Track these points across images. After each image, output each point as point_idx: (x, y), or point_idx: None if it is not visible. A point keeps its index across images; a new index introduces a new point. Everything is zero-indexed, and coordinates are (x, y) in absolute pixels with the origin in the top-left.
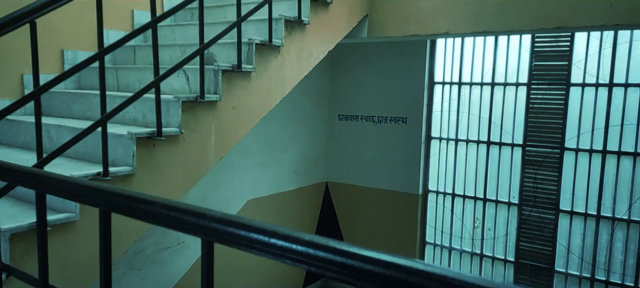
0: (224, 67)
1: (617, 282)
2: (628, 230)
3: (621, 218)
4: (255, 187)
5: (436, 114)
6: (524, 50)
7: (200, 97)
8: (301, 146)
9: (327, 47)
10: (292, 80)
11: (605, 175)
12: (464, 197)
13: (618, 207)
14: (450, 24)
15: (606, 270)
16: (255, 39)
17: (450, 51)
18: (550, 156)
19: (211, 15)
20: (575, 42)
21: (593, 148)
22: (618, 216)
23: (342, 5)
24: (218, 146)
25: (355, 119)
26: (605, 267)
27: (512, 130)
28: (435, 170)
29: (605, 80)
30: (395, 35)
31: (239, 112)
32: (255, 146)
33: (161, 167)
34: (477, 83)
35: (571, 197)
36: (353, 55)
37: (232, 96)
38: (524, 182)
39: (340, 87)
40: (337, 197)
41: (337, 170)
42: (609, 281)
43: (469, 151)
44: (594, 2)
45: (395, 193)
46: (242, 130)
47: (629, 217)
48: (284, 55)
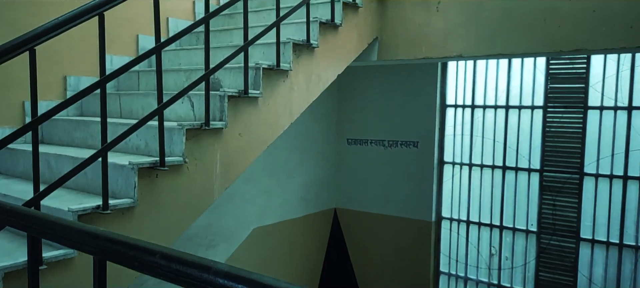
0: (230, 93)
1: None
2: None
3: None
4: (262, 214)
5: (449, 138)
6: (538, 73)
7: (205, 125)
8: (309, 171)
9: (336, 70)
10: (301, 105)
11: (627, 202)
12: (479, 224)
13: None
14: (464, 46)
15: None
16: (262, 64)
17: (462, 73)
18: (569, 182)
19: (217, 39)
20: (592, 64)
21: (613, 174)
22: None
23: (352, 28)
24: (224, 175)
25: (365, 143)
26: None
27: (528, 154)
28: (448, 196)
29: (624, 103)
30: (406, 58)
31: (245, 139)
32: (261, 172)
33: (164, 199)
34: (491, 106)
35: (592, 225)
36: (362, 77)
37: (239, 123)
38: (542, 209)
39: (349, 110)
40: (346, 224)
41: (346, 196)
42: None
43: (483, 176)
44: (614, 24)
45: (407, 221)
46: (248, 157)
47: None
48: (292, 80)
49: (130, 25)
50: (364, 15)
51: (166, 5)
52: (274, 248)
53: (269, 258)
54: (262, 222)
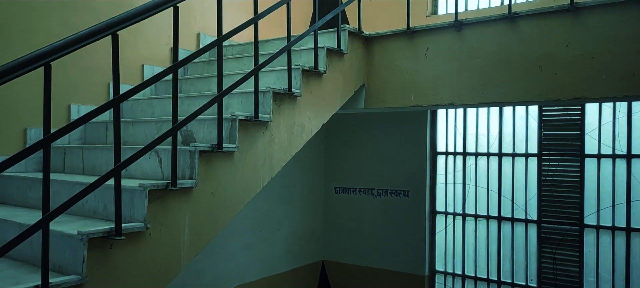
0: (202, 148)
1: None
2: None
3: None
4: (244, 271)
5: (440, 187)
6: (531, 119)
7: (171, 185)
8: (295, 223)
9: (321, 119)
10: (282, 158)
11: (632, 256)
12: (475, 279)
13: None
14: (455, 94)
15: None
16: (239, 115)
17: (452, 119)
18: (569, 234)
19: (195, 87)
20: (587, 111)
21: (616, 225)
22: None
23: (337, 75)
24: (193, 241)
25: (353, 192)
26: None
27: (524, 204)
28: (442, 248)
29: (622, 151)
30: (394, 106)
31: (219, 198)
32: (243, 226)
33: (120, 273)
34: (483, 153)
35: (595, 280)
36: (349, 124)
37: (212, 180)
38: (542, 263)
39: (337, 158)
40: (335, 277)
41: (334, 248)
42: None
43: (478, 227)
44: (615, 72)
45: (398, 274)
46: (223, 218)
47: None
48: (273, 131)
49: (103, 74)
50: (350, 61)
51: (142, 52)
52: None
53: None
54: (244, 279)
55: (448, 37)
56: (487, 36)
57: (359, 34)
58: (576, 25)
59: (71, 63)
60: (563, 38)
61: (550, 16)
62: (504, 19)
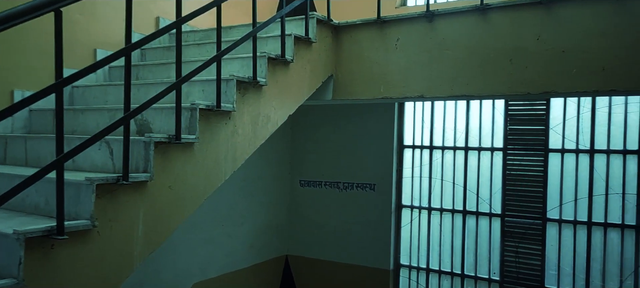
0: (158, 139)
1: None
2: None
3: None
4: (204, 267)
5: (407, 180)
6: (497, 114)
7: (123, 178)
8: (258, 217)
9: (288, 110)
10: (246, 150)
11: (592, 250)
12: (439, 273)
13: (608, 285)
14: (425, 86)
15: None
16: (199, 104)
17: (420, 113)
18: (531, 228)
19: (153, 74)
20: (552, 106)
21: (577, 220)
22: None
23: (304, 65)
24: (148, 238)
25: (319, 185)
26: None
27: (489, 198)
28: (407, 242)
29: (586, 146)
30: (363, 97)
31: (177, 192)
32: (204, 220)
33: (63, 276)
34: (450, 147)
35: (557, 274)
36: (316, 116)
37: (169, 173)
38: (505, 256)
39: (302, 151)
40: (299, 272)
41: (299, 243)
42: None
43: (443, 221)
44: (585, 66)
45: (363, 269)
46: (181, 213)
47: None
48: (236, 122)
49: (53, 58)
50: (318, 51)
51: (96, 36)
52: None
53: None
54: (204, 275)
55: (419, 27)
56: (458, 27)
57: (327, 23)
58: (548, 18)
59: (16, 46)
60: (534, 31)
61: (522, 9)
62: (476, 10)
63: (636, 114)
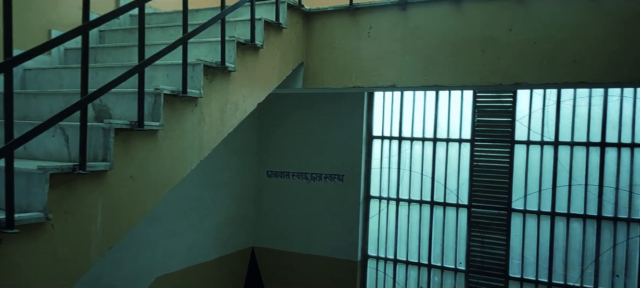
0: (119, 125)
1: None
2: None
3: (573, 285)
4: (167, 260)
5: (375, 171)
6: (466, 105)
7: (80, 168)
8: (224, 208)
9: (257, 98)
10: (213, 139)
11: (555, 239)
12: (407, 263)
13: (570, 274)
14: (398, 76)
15: None
16: (164, 89)
17: (389, 103)
18: (497, 218)
19: (113, 58)
20: (518, 98)
21: (541, 210)
22: (570, 283)
23: (274, 51)
24: (107, 231)
25: (286, 176)
26: None
27: (456, 189)
28: (375, 233)
29: (551, 138)
30: (334, 86)
31: (140, 182)
32: (167, 212)
33: (14, 272)
34: (419, 138)
35: (521, 263)
36: (283, 105)
37: (131, 163)
38: (470, 247)
39: (269, 140)
40: (265, 264)
41: (265, 234)
42: None
43: (411, 212)
44: (556, 58)
45: (330, 260)
46: (144, 205)
47: (581, 284)
48: (203, 109)
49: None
50: (289, 37)
51: (51, 16)
52: None
53: None
54: (167, 268)
55: (392, 15)
56: (431, 17)
57: (298, 8)
58: (520, 9)
59: None
60: (506, 22)
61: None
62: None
63: (599, 107)
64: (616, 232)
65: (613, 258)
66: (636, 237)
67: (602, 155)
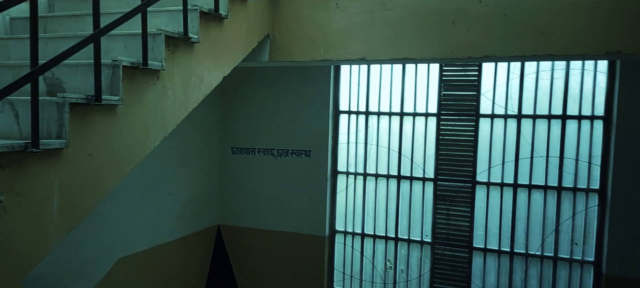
0: (74, 100)
1: None
2: (541, 266)
3: (534, 254)
4: (129, 241)
5: (342, 146)
6: (432, 79)
7: (32, 146)
8: (188, 186)
9: (222, 71)
10: (177, 115)
11: (517, 210)
12: (374, 237)
13: (531, 243)
14: (367, 49)
15: None
16: (122, 60)
17: (356, 77)
18: (462, 191)
19: (64, 28)
20: (483, 71)
21: (504, 182)
22: (531, 252)
23: (240, 22)
24: (65, 212)
25: (252, 153)
26: None
27: (423, 163)
28: (342, 208)
29: (514, 112)
30: (302, 59)
31: (99, 161)
32: (128, 191)
33: None
34: (386, 113)
35: (484, 234)
36: (247, 79)
37: (88, 140)
38: (436, 219)
39: (234, 116)
40: (231, 242)
41: (231, 212)
42: None
43: (378, 186)
44: (525, 30)
45: (298, 236)
46: (105, 185)
47: (541, 253)
48: (165, 82)
49: None
50: (254, 7)
51: None
52: (146, 279)
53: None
54: (130, 249)
55: None
56: None
57: None
58: None
59: None
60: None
61: None
62: None
63: (561, 80)
64: (575, 202)
65: (572, 227)
66: (594, 206)
67: (563, 127)
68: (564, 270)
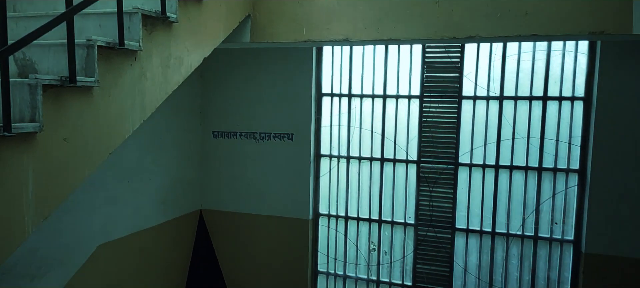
0: (47, 81)
1: None
2: (522, 245)
3: (515, 234)
4: (109, 227)
5: (325, 129)
6: (415, 61)
7: (4, 129)
8: (169, 171)
9: (202, 53)
10: (156, 97)
11: (499, 191)
12: (358, 220)
13: (512, 223)
14: (351, 29)
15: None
16: (97, 40)
17: (338, 59)
18: (445, 172)
19: (34, 7)
20: (466, 53)
21: (486, 163)
22: (512, 232)
23: (220, 1)
24: (41, 199)
25: (233, 136)
26: (501, 285)
27: (406, 146)
28: (326, 191)
29: (496, 93)
30: (284, 40)
31: (75, 145)
32: (107, 177)
33: None
34: (368, 95)
35: (466, 215)
36: (228, 61)
37: (64, 123)
38: (419, 201)
39: (215, 100)
40: (214, 227)
41: (213, 196)
42: None
43: (362, 169)
44: (509, 10)
45: (281, 220)
46: (82, 169)
47: (522, 233)
48: (143, 64)
49: None
50: None
51: None
52: (127, 266)
53: (120, 279)
54: (110, 236)
55: None
56: None
57: None
58: None
59: None
60: None
61: None
62: None
63: (543, 61)
64: (556, 182)
65: (552, 207)
66: (574, 186)
67: (544, 108)
68: (544, 249)
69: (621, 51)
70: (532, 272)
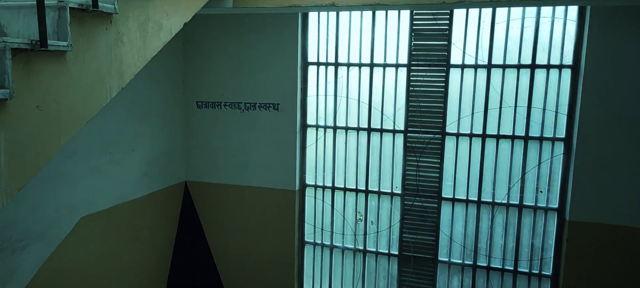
0: (17, 44)
1: (498, 267)
2: (507, 214)
3: (500, 202)
4: (91, 199)
5: (312, 99)
6: (403, 29)
7: None
8: (151, 142)
9: (183, 18)
10: (135, 64)
11: (485, 160)
12: (344, 190)
13: (498, 192)
14: None
15: (487, 256)
16: (69, 2)
17: (324, 27)
18: (432, 142)
19: None
20: (454, 20)
21: (473, 133)
22: (498, 201)
23: None
24: (14, 169)
25: (217, 107)
26: (486, 253)
27: (393, 115)
28: (312, 162)
29: (484, 61)
30: (269, 5)
31: (49, 113)
32: (88, 148)
33: None
34: (355, 64)
35: (453, 184)
36: (211, 28)
37: (36, 90)
38: (406, 171)
39: (198, 69)
40: (200, 199)
41: (198, 168)
42: (490, 267)
43: (348, 139)
44: None
45: (268, 191)
46: (57, 138)
47: (507, 201)
48: (120, 28)
49: None
50: None
51: None
52: (111, 238)
53: (105, 251)
54: (92, 208)
55: None
56: None
57: None
58: None
59: None
60: None
61: None
62: None
63: (531, 29)
64: (541, 151)
65: (537, 176)
66: (560, 154)
67: (532, 77)
68: (528, 217)
69: (610, 17)
70: (517, 239)
